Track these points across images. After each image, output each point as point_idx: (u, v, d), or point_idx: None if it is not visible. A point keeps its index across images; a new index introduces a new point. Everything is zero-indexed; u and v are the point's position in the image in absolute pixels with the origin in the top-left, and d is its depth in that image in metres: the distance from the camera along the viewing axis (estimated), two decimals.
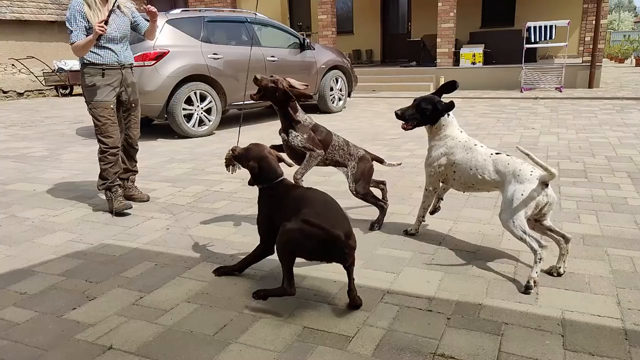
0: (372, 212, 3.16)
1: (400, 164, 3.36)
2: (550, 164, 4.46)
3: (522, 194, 2.28)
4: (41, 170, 4.94)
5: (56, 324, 2.04)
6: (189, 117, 6.44)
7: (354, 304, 2.10)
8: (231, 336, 1.91)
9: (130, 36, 3.60)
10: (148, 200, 3.75)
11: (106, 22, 3.26)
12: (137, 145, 3.77)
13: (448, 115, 2.64)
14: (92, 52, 3.35)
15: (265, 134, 6.59)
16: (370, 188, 3.09)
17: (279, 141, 3.05)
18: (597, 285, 2.22)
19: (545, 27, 10.40)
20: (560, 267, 2.34)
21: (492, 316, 2.00)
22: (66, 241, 2.97)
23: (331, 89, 8.58)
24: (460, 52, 11.91)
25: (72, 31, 3.30)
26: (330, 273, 2.42)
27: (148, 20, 3.59)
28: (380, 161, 3.18)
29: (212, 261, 2.62)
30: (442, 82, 10.45)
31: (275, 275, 2.40)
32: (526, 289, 2.19)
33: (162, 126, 7.16)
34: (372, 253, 2.66)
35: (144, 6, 3.43)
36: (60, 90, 14.25)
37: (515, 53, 10.95)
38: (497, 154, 2.51)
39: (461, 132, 2.67)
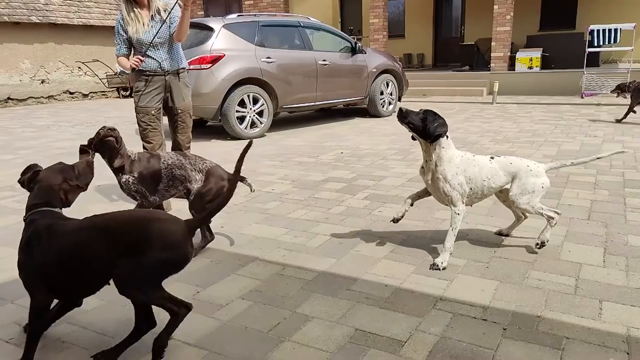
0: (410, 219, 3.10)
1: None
2: (614, 173, 4.24)
3: (542, 187, 2.64)
4: (104, 167, 5.20)
5: (121, 312, 2.15)
6: (241, 119, 6.61)
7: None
8: (284, 334, 1.95)
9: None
10: None
11: (142, 57, 3.45)
12: (185, 149, 3.89)
13: (447, 137, 2.55)
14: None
15: (312, 137, 6.64)
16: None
17: (328, 144, 3.06)
18: None
19: (609, 30, 9.91)
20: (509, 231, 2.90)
21: (552, 329, 1.93)
22: None
23: (381, 93, 8.55)
24: (516, 57, 11.54)
25: (116, 44, 3.57)
26: (382, 277, 2.42)
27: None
28: (241, 179, 2.76)
29: (265, 260, 2.68)
30: (496, 87, 10.15)
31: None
32: (538, 246, 2.67)
33: (216, 127, 7.37)
34: (424, 259, 2.63)
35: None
36: (122, 92, 15.00)
37: (576, 57, 10.47)
38: (491, 158, 2.68)
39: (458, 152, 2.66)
